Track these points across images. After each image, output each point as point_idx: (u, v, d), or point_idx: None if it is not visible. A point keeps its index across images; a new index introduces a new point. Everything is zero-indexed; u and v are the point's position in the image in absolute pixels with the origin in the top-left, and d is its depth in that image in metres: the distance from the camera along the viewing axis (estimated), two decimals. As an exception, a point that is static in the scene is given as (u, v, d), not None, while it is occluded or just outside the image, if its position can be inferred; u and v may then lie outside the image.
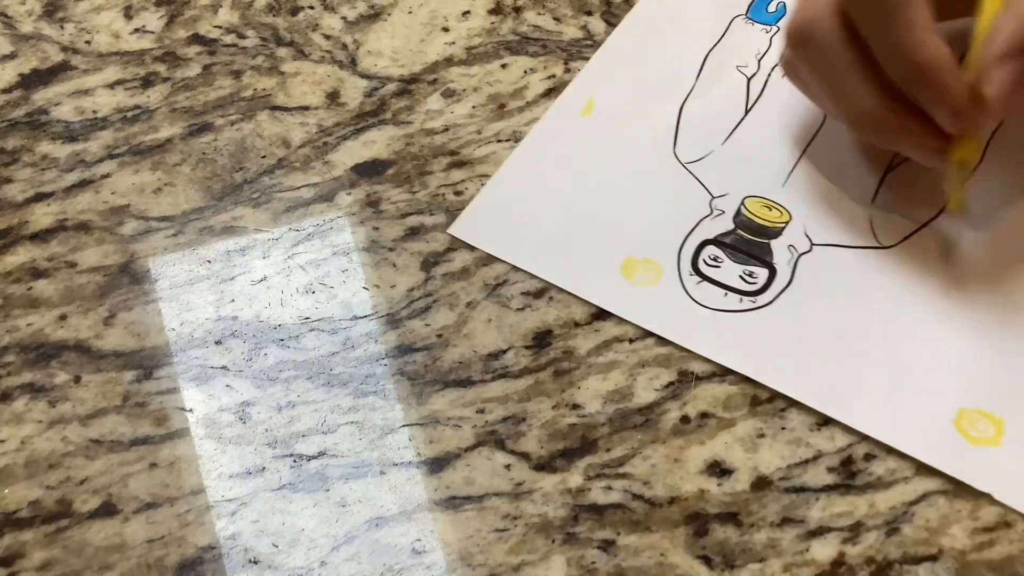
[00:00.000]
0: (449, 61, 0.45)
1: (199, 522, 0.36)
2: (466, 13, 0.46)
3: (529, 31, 0.45)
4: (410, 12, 0.46)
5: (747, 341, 0.38)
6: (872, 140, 0.39)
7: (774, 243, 0.40)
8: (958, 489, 0.35)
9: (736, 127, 0.43)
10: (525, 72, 0.44)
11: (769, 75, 0.44)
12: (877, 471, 0.35)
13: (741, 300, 0.39)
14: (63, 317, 0.40)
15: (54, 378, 0.38)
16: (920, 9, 0.34)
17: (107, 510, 0.36)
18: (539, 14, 0.46)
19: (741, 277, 0.39)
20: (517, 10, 0.46)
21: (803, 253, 0.39)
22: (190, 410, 0.38)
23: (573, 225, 0.41)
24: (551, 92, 0.44)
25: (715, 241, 0.40)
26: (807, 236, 0.40)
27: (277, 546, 0.35)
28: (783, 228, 0.40)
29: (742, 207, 0.40)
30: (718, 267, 0.39)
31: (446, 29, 0.46)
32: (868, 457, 0.36)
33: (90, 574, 0.35)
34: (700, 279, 0.39)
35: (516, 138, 0.43)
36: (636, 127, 0.43)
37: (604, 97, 0.44)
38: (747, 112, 0.43)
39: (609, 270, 0.40)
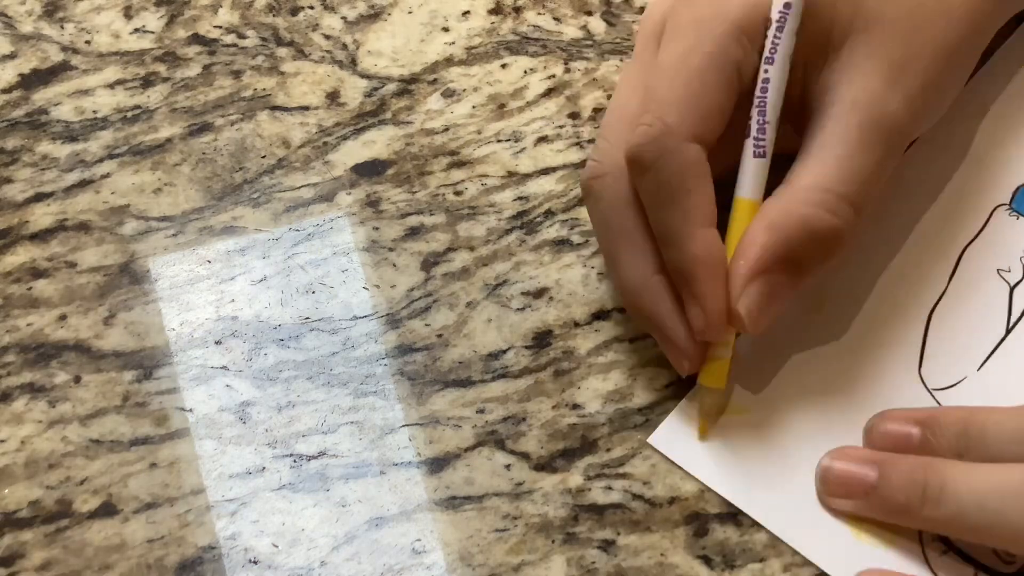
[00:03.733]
0: (449, 61, 0.45)
1: (199, 522, 0.36)
2: (466, 13, 0.46)
3: (529, 31, 0.45)
4: (410, 12, 0.46)
5: None
6: (633, 316, 0.37)
7: None
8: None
9: (995, 349, 0.36)
10: (525, 72, 0.44)
11: None
12: (877, 471, 0.35)
13: None
14: (63, 317, 0.40)
15: (54, 378, 0.38)
16: (702, 200, 0.32)
17: (107, 510, 0.36)
18: (539, 14, 0.46)
19: (995, 552, 0.33)
20: (517, 10, 0.46)
21: None
22: (190, 410, 0.38)
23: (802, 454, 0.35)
24: (551, 92, 0.44)
25: None
26: None
27: (277, 546, 0.35)
28: None
29: None
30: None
31: (446, 29, 0.46)
32: (868, 457, 0.36)
33: (90, 574, 0.35)
34: (945, 548, 0.33)
35: (516, 138, 0.43)
36: (877, 334, 0.37)
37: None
38: (1009, 330, 0.36)
39: (839, 531, 0.34)
